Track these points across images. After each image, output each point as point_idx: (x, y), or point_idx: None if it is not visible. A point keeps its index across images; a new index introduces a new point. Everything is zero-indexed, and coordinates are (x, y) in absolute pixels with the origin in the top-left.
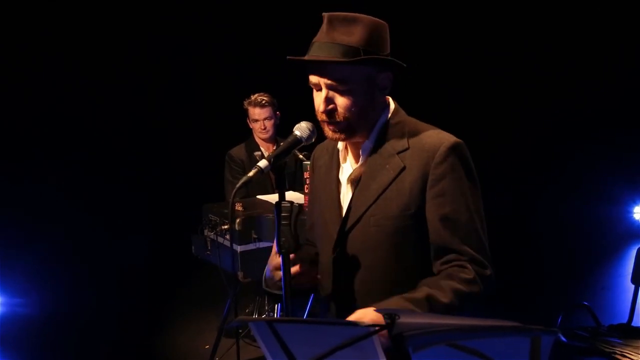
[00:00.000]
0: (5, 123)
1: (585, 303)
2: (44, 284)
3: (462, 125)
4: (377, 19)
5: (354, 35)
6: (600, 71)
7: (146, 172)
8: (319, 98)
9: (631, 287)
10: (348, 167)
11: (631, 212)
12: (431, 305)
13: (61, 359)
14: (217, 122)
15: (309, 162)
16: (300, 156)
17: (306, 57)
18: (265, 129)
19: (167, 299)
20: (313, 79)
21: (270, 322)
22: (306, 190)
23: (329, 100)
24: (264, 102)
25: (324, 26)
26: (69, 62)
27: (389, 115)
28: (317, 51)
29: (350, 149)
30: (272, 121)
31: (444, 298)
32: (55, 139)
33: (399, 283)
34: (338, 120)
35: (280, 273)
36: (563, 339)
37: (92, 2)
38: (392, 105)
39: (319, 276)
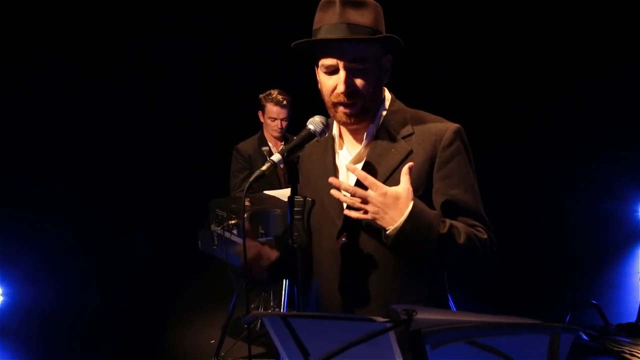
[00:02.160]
0: (12, 122)
1: (594, 302)
2: (50, 280)
3: (464, 124)
4: (376, 2)
5: (364, 16)
6: (604, 68)
7: (152, 167)
8: (331, 81)
9: (639, 285)
10: (345, 153)
11: (637, 211)
12: (451, 231)
13: (67, 353)
14: (221, 118)
15: None
16: None
17: (330, 37)
18: (281, 127)
19: (173, 294)
20: (329, 61)
21: (285, 317)
22: None
23: (349, 81)
24: (285, 102)
25: (337, 8)
26: (70, 60)
27: (389, 103)
28: (331, 32)
29: (349, 135)
30: (287, 121)
31: (462, 235)
32: (60, 136)
33: (406, 267)
34: (356, 101)
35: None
36: (585, 337)
37: (92, 2)
38: (388, 94)
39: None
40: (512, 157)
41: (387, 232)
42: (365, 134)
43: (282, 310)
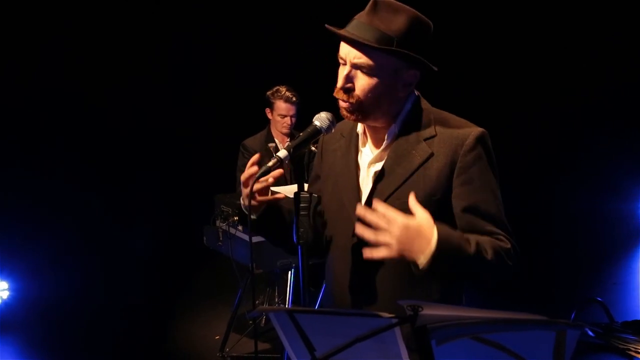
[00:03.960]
0: (18, 115)
1: (599, 299)
2: (56, 274)
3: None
4: (423, 17)
5: (392, 24)
6: (609, 68)
7: (158, 162)
8: (341, 74)
9: None
10: (368, 151)
11: None
12: (478, 249)
13: (73, 347)
14: (227, 114)
15: None
16: (313, 148)
17: (341, 31)
18: (290, 124)
19: (178, 289)
20: (342, 52)
21: (291, 312)
22: None
23: (348, 79)
24: (294, 99)
25: (368, 7)
26: (78, 55)
27: (414, 103)
28: (353, 28)
29: (371, 134)
30: (296, 118)
31: (489, 250)
32: (65, 129)
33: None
34: (351, 100)
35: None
36: (590, 333)
37: None
38: (416, 93)
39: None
40: (515, 157)
41: (419, 262)
42: (387, 133)
43: (287, 306)
